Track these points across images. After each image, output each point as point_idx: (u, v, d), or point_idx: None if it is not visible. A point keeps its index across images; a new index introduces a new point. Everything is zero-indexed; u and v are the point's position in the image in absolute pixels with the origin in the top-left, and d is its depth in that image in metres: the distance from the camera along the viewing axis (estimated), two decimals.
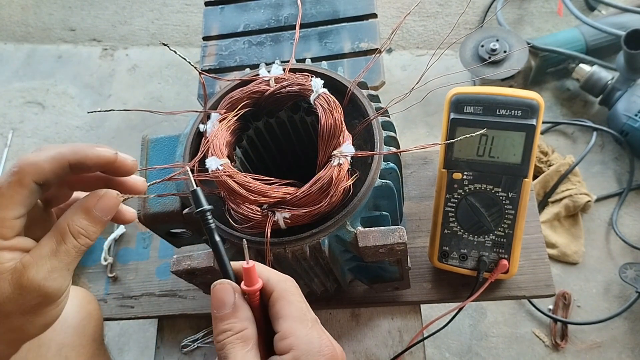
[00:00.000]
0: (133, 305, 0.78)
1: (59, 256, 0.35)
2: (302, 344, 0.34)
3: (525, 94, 0.60)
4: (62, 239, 0.36)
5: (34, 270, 0.34)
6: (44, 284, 0.35)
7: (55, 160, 0.35)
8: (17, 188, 0.34)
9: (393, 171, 0.55)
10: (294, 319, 0.35)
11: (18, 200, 0.34)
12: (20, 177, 0.34)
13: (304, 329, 0.35)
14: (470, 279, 0.69)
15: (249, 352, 0.34)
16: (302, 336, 0.34)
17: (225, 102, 0.57)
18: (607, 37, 1.38)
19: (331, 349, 0.35)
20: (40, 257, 0.35)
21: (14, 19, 1.89)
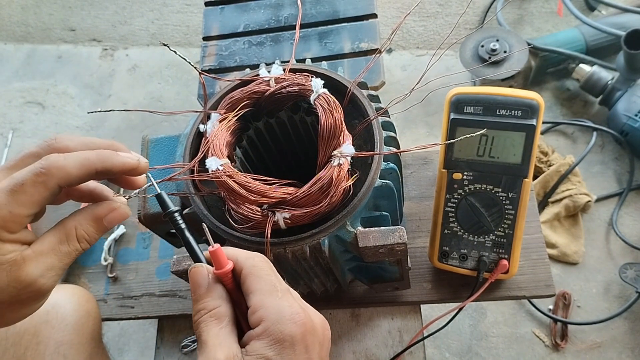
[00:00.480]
0: (133, 306, 0.78)
1: (59, 256, 0.36)
2: (271, 314, 0.33)
3: (525, 94, 0.60)
4: (66, 239, 0.36)
5: (33, 265, 0.35)
6: (40, 280, 0.35)
7: (84, 167, 0.35)
8: (40, 189, 0.34)
9: (393, 171, 0.55)
10: (263, 292, 0.35)
11: (37, 200, 0.35)
12: (46, 179, 0.34)
13: (273, 299, 0.34)
14: (470, 279, 0.69)
15: (222, 329, 0.34)
16: (271, 307, 0.34)
17: (225, 102, 0.57)
18: (607, 37, 1.38)
19: (303, 316, 0.34)
20: (40, 254, 0.35)
21: (14, 19, 1.89)
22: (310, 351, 0.34)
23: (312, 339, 0.34)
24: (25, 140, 1.65)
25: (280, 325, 0.33)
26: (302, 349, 0.33)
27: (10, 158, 1.60)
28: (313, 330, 0.34)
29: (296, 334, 0.33)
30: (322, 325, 0.36)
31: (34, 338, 0.58)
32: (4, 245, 0.34)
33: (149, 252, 0.82)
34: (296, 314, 0.34)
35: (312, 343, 0.34)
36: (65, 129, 1.65)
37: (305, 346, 0.33)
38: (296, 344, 0.33)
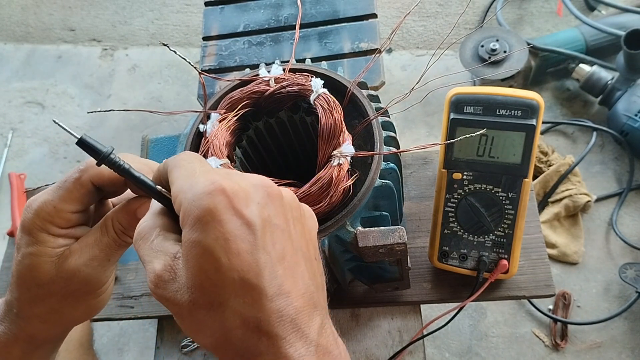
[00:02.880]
0: (133, 305, 0.78)
1: (100, 246, 0.38)
2: (186, 195, 0.29)
3: (525, 94, 0.60)
4: (105, 231, 0.38)
5: (77, 256, 0.37)
6: (84, 270, 0.37)
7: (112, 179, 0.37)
8: (77, 185, 0.37)
9: (393, 171, 0.55)
10: (181, 178, 0.31)
11: (76, 196, 0.37)
12: (81, 175, 0.37)
13: (189, 181, 0.30)
14: (470, 279, 0.69)
15: (152, 242, 0.31)
16: (186, 189, 0.30)
17: (225, 102, 0.57)
18: (607, 37, 1.38)
19: (220, 184, 0.29)
20: (85, 245, 0.37)
21: (14, 19, 1.89)
22: (246, 214, 0.28)
23: (243, 202, 0.29)
24: (25, 140, 1.65)
25: (195, 202, 0.28)
26: (231, 216, 0.28)
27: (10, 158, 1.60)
28: (238, 193, 0.29)
29: (215, 204, 0.28)
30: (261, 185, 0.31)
31: None
32: (56, 240, 0.37)
33: None
34: (210, 184, 0.29)
35: (243, 206, 0.29)
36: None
37: (235, 211, 0.28)
38: (220, 214, 0.28)
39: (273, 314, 0.28)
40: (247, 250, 0.28)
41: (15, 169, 1.58)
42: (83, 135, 0.33)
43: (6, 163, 1.61)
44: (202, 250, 0.28)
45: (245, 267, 0.28)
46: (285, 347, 0.28)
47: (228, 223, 0.28)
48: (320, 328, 0.30)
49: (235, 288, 0.28)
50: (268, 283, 0.28)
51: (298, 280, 0.30)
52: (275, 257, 0.29)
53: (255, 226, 0.29)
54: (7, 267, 0.84)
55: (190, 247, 0.28)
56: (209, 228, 0.28)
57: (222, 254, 0.27)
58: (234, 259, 0.28)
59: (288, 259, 0.30)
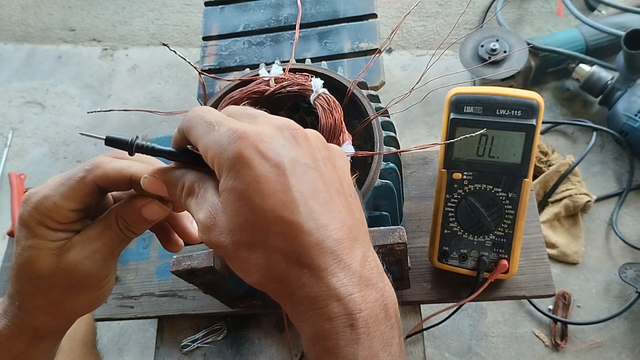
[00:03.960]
0: (133, 305, 0.78)
1: (103, 240, 0.38)
2: (214, 150, 0.30)
3: (525, 94, 0.60)
4: (109, 225, 0.38)
5: (79, 249, 0.37)
6: (86, 263, 0.37)
7: (120, 172, 0.37)
8: (81, 185, 0.36)
9: (393, 171, 0.55)
10: (202, 136, 0.32)
11: (78, 195, 0.37)
12: (86, 175, 0.37)
13: (211, 136, 0.31)
14: (470, 279, 0.69)
15: (198, 196, 0.32)
16: (211, 143, 0.30)
17: (225, 102, 0.57)
18: (607, 37, 1.38)
19: (241, 131, 0.30)
20: (87, 238, 0.38)
21: (14, 19, 1.89)
22: (273, 156, 0.29)
23: (268, 145, 0.29)
24: (25, 140, 1.65)
25: (224, 154, 0.29)
26: (259, 160, 0.29)
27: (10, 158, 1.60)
28: (262, 136, 0.30)
29: (241, 151, 0.29)
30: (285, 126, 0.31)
31: None
32: (55, 233, 0.37)
33: (149, 252, 0.82)
34: (233, 133, 0.30)
35: (269, 149, 0.29)
36: (65, 129, 1.65)
37: (262, 155, 0.29)
38: (248, 160, 0.29)
39: (312, 246, 0.29)
40: (280, 190, 0.29)
41: (15, 169, 1.58)
42: (107, 134, 0.35)
43: (6, 163, 1.61)
44: (238, 195, 0.29)
45: (280, 206, 0.29)
46: (328, 277, 0.29)
47: (257, 167, 0.29)
48: (363, 260, 0.31)
49: (272, 226, 0.29)
50: (304, 218, 0.29)
51: (335, 214, 0.30)
52: (308, 194, 0.30)
53: (284, 166, 0.29)
54: (7, 267, 0.84)
55: (227, 195, 0.30)
56: (240, 174, 0.29)
57: (256, 196, 0.29)
58: (268, 199, 0.29)
59: (322, 195, 0.30)
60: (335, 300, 0.29)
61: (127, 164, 0.38)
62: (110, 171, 0.37)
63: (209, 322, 0.77)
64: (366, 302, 0.30)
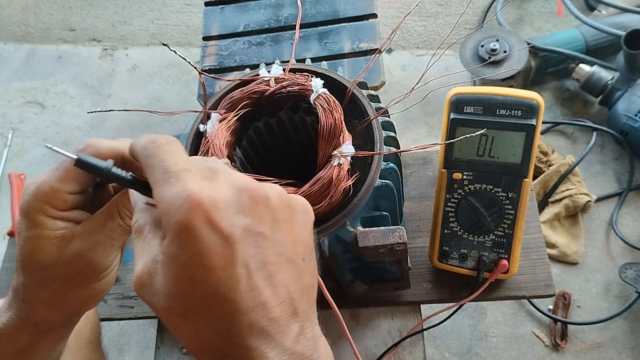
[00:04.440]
0: (133, 306, 0.78)
1: (104, 231, 0.38)
2: (164, 207, 0.29)
3: (525, 94, 0.60)
4: (110, 216, 0.38)
5: (80, 239, 0.37)
6: (87, 254, 0.37)
7: (113, 149, 0.37)
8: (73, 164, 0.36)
9: (393, 171, 0.55)
10: (158, 183, 0.30)
11: (73, 176, 0.37)
12: None
13: (166, 189, 0.29)
14: (470, 279, 0.69)
15: (144, 240, 0.31)
16: (164, 199, 0.29)
17: (225, 102, 0.57)
18: (607, 37, 1.38)
19: (196, 196, 0.28)
20: (88, 229, 0.37)
21: (14, 19, 1.89)
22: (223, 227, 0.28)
23: (221, 214, 0.28)
24: (25, 140, 1.65)
25: (172, 218, 0.28)
26: (207, 231, 0.28)
27: (10, 158, 1.60)
28: (216, 204, 0.28)
29: (190, 220, 0.28)
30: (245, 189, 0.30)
31: None
32: (55, 222, 0.37)
33: None
34: (186, 197, 0.28)
35: (221, 218, 0.28)
36: (65, 129, 1.65)
37: (212, 225, 0.28)
38: (196, 230, 0.28)
39: (245, 327, 0.28)
40: (222, 266, 0.28)
41: (15, 169, 1.58)
42: (80, 155, 0.33)
43: (6, 163, 1.61)
44: (179, 264, 0.28)
45: (219, 282, 0.28)
46: (258, 357, 0.28)
47: (204, 239, 0.28)
48: (298, 335, 0.30)
49: (209, 302, 0.28)
50: (242, 296, 0.28)
51: (278, 289, 0.30)
52: (254, 267, 0.29)
53: (233, 239, 0.28)
54: (7, 267, 0.84)
55: (167, 260, 0.28)
56: (185, 244, 0.28)
57: (197, 269, 0.28)
58: (209, 274, 0.28)
59: (269, 268, 0.30)
60: None
61: (118, 143, 0.38)
62: (103, 149, 0.37)
63: None
64: None
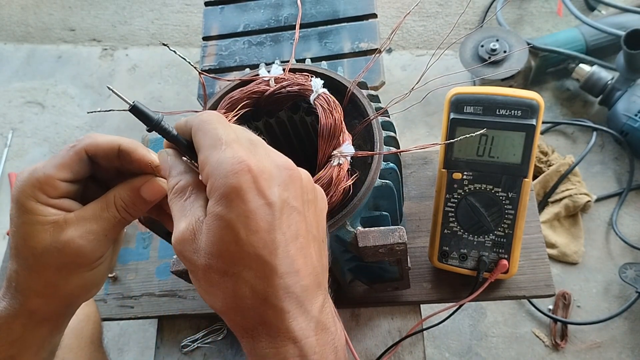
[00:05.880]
0: (133, 305, 0.78)
1: (98, 221, 0.38)
2: (214, 169, 0.31)
3: (525, 94, 0.60)
4: (105, 206, 0.38)
5: (73, 228, 0.37)
6: (79, 241, 0.37)
7: (110, 142, 0.38)
8: (70, 153, 0.37)
9: (393, 171, 0.55)
10: (206, 147, 0.32)
11: (67, 163, 0.37)
12: (77, 144, 0.38)
13: (216, 153, 0.31)
14: (470, 279, 0.69)
15: (186, 201, 0.33)
16: (213, 161, 0.31)
17: (225, 102, 0.57)
18: (607, 37, 1.38)
19: (246, 163, 0.30)
20: (82, 218, 0.38)
21: (14, 19, 1.89)
22: (268, 195, 0.30)
23: (266, 183, 0.30)
24: (25, 140, 1.65)
25: (222, 178, 0.30)
26: (254, 196, 0.30)
27: (10, 158, 1.60)
28: (262, 173, 0.31)
29: (240, 183, 0.30)
30: (284, 166, 0.32)
31: None
32: (46, 208, 0.37)
33: (149, 252, 0.82)
34: (237, 163, 0.30)
35: (266, 187, 0.30)
36: (65, 129, 1.65)
37: (259, 191, 0.30)
38: (244, 193, 0.30)
39: (281, 289, 0.30)
40: (265, 229, 0.30)
41: (15, 169, 1.58)
42: (136, 102, 0.34)
43: (6, 163, 1.61)
44: (225, 223, 0.30)
45: (262, 244, 0.30)
46: (289, 320, 0.31)
47: (251, 202, 0.30)
48: (322, 306, 0.32)
49: (250, 262, 0.30)
50: (280, 261, 0.30)
51: (308, 260, 0.32)
52: (290, 237, 0.31)
53: (275, 207, 0.31)
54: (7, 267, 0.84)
55: (214, 219, 0.30)
56: (233, 204, 0.30)
57: (242, 229, 0.30)
58: (252, 235, 0.30)
59: (301, 240, 0.32)
60: (292, 342, 0.31)
61: (116, 137, 0.39)
62: (101, 140, 0.38)
63: (209, 322, 0.77)
64: (319, 345, 0.32)
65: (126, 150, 0.39)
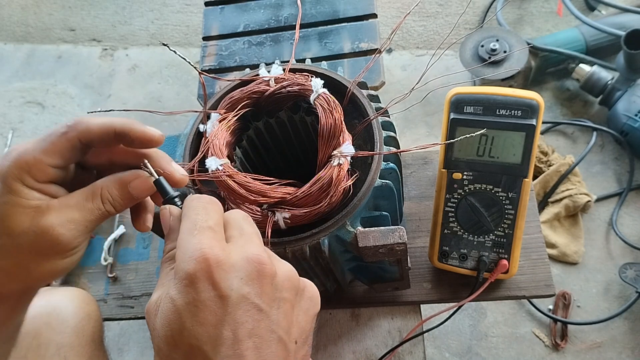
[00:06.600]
0: (133, 306, 0.78)
1: (81, 211, 0.37)
2: (179, 253, 0.31)
3: (525, 94, 0.60)
4: (91, 197, 0.37)
5: (55, 215, 0.36)
6: (59, 229, 0.36)
7: (104, 125, 0.37)
8: (62, 139, 0.36)
9: (393, 171, 0.55)
10: (183, 231, 0.33)
11: (59, 150, 0.36)
12: (69, 130, 0.36)
13: (187, 237, 0.32)
14: (470, 279, 0.69)
15: (168, 270, 0.34)
16: (181, 245, 0.32)
17: (225, 102, 0.57)
18: (607, 37, 1.38)
19: (207, 252, 0.30)
20: (65, 205, 0.37)
21: (14, 19, 1.89)
22: (222, 287, 0.30)
23: (224, 274, 0.30)
24: (25, 140, 1.65)
25: (181, 263, 0.30)
26: (207, 286, 0.29)
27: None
28: (222, 264, 0.30)
29: (195, 271, 0.30)
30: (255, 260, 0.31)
31: (35, 340, 0.58)
32: (30, 192, 0.36)
33: (149, 252, 0.82)
34: (199, 250, 0.30)
35: (222, 278, 0.30)
36: None
37: (212, 282, 0.30)
38: (197, 282, 0.29)
39: None
40: (212, 323, 0.29)
41: None
42: (160, 178, 0.39)
43: None
44: (175, 308, 0.30)
45: (205, 338, 0.29)
46: None
47: (202, 292, 0.30)
48: None
49: (191, 354, 0.29)
50: (222, 358, 0.29)
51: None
52: (242, 335, 0.30)
53: (228, 300, 0.30)
54: None
55: (167, 301, 0.30)
56: (185, 291, 0.30)
57: (189, 319, 0.29)
58: (198, 327, 0.29)
59: (256, 340, 0.30)
60: None
61: (108, 119, 0.37)
62: (94, 126, 0.36)
63: None
64: None
65: (122, 132, 0.37)
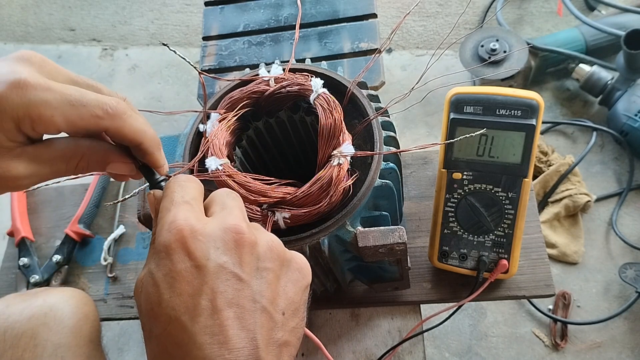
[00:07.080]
0: (133, 305, 0.78)
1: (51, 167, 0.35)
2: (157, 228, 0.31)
3: (525, 94, 0.60)
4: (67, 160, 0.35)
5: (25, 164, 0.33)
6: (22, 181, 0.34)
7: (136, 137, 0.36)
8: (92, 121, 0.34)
9: (393, 171, 0.55)
10: (162, 209, 0.33)
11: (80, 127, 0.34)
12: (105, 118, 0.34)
13: (165, 214, 0.32)
14: (470, 279, 0.69)
15: None
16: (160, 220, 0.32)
17: (225, 102, 0.57)
18: (607, 37, 1.38)
19: (182, 223, 0.30)
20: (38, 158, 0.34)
21: (14, 19, 1.89)
22: (198, 257, 0.29)
23: (198, 245, 0.30)
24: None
25: (158, 237, 0.30)
26: (182, 257, 0.29)
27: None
28: (196, 234, 0.30)
29: (169, 242, 0.30)
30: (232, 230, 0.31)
31: (32, 340, 0.58)
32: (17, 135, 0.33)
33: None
34: (174, 222, 0.30)
35: (197, 248, 0.29)
36: None
37: (188, 252, 0.29)
38: (172, 253, 0.29)
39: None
40: (189, 293, 0.29)
41: None
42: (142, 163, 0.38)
43: None
44: (153, 281, 0.30)
45: (182, 309, 0.29)
46: None
47: (178, 263, 0.29)
48: None
49: (169, 326, 0.29)
50: (201, 329, 0.28)
51: (244, 333, 0.29)
52: (221, 304, 0.29)
53: (205, 270, 0.29)
54: (7, 267, 0.84)
55: (147, 274, 0.30)
56: (161, 263, 0.30)
57: (167, 290, 0.29)
58: (175, 298, 0.29)
59: (236, 309, 0.29)
60: None
61: (143, 127, 0.35)
62: (128, 132, 0.34)
63: None
64: None
65: (145, 151, 0.36)
